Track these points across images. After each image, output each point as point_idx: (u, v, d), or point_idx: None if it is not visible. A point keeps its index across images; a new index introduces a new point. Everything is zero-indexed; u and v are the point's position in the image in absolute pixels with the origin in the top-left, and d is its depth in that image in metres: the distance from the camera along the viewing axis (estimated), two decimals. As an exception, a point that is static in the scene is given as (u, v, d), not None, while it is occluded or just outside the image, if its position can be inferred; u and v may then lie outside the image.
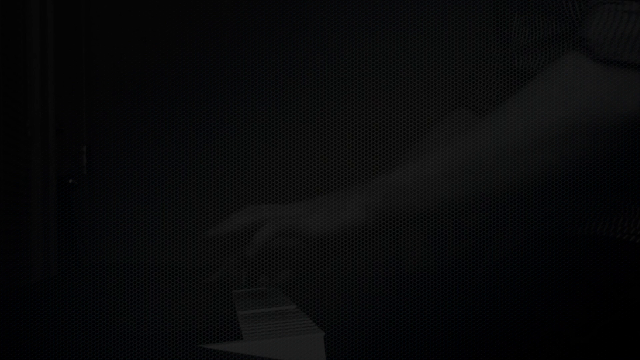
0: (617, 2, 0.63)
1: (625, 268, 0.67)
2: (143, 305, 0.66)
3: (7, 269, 1.04)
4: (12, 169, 1.08)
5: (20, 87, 1.14)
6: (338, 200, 0.72)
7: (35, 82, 1.19)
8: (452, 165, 0.67)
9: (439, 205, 0.69)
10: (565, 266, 0.69)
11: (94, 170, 1.69)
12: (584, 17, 0.66)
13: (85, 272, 1.07)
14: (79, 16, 1.68)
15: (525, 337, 0.62)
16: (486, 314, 0.67)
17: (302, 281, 0.75)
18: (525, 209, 0.79)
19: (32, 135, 1.18)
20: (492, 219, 0.87)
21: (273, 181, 1.69)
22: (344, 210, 0.71)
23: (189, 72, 1.74)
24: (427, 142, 0.95)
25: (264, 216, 0.74)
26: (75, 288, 0.82)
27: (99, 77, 1.72)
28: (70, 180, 1.30)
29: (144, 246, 1.65)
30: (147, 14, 1.74)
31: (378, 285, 1.57)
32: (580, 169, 0.65)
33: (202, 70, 1.74)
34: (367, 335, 0.79)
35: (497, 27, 0.91)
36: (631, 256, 0.68)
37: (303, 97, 1.74)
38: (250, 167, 1.71)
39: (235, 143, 1.72)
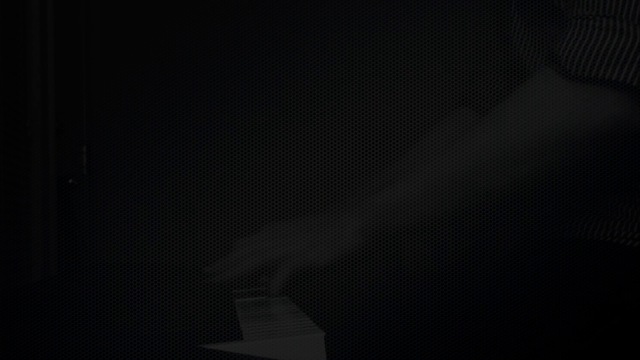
0: (589, 17, 0.63)
1: (623, 272, 0.67)
2: (143, 305, 0.66)
3: (7, 269, 1.04)
4: (12, 169, 1.08)
5: (20, 87, 1.14)
6: (334, 228, 0.73)
7: (35, 82, 1.19)
8: (435, 182, 0.69)
9: (429, 219, 0.71)
10: (563, 270, 0.69)
11: (94, 170, 1.69)
12: (559, 32, 0.67)
13: (85, 272, 1.07)
14: (79, 16, 1.68)
15: (524, 342, 0.62)
16: (485, 319, 0.67)
17: (302, 281, 0.76)
18: (522, 214, 0.79)
19: (32, 135, 1.18)
20: (490, 224, 0.87)
21: (273, 181, 1.69)
22: (342, 238, 0.72)
23: (189, 72, 1.73)
24: (429, 142, 0.96)
25: (271, 257, 0.74)
26: (75, 288, 0.82)
27: (99, 77, 1.72)
28: (70, 180, 1.30)
29: (144, 246, 1.65)
30: (148, 13, 1.74)
31: (378, 286, 1.57)
32: (553, 181, 0.67)
33: (202, 70, 1.73)
34: (367, 335, 0.79)
35: (498, 26, 0.91)
36: (629, 260, 0.68)
37: (304, 97, 1.74)
38: (250, 167, 1.71)
39: (235, 143, 1.72)
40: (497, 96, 0.93)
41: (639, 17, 0.61)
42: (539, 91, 0.65)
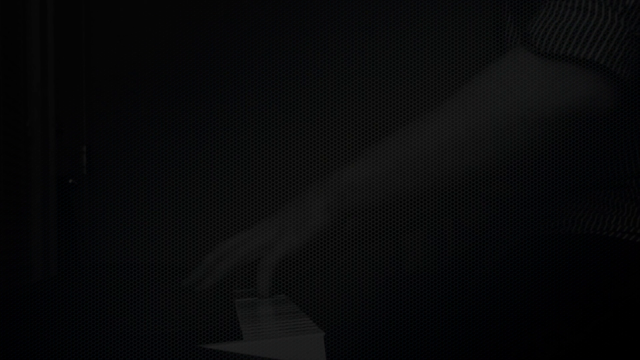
0: None
1: (618, 265, 0.67)
2: (143, 305, 0.66)
3: (7, 269, 1.04)
4: (12, 169, 1.08)
5: (20, 87, 1.14)
6: (301, 209, 0.72)
7: (35, 82, 1.19)
8: (399, 159, 0.69)
9: (396, 197, 0.70)
10: (559, 265, 0.69)
11: (94, 170, 1.69)
12: (534, 12, 0.67)
13: (85, 272, 1.07)
14: (79, 16, 1.68)
15: (521, 335, 0.62)
16: (482, 314, 0.67)
17: (303, 281, 0.76)
18: (519, 210, 0.79)
19: (32, 135, 1.18)
20: (487, 221, 0.87)
21: (273, 181, 1.69)
22: (309, 218, 0.71)
23: (189, 71, 1.74)
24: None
25: (243, 254, 0.74)
26: (75, 288, 0.82)
27: (99, 77, 1.72)
28: (70, 180, 1.30)
29: (144, 246, 1.65)
30: (147, 13, 1.74)
31: (378, 286, 1.57)
32: (521, 161, 0.67)
33: (202, 70, 1.73)
34: (367, 335, 0.79)
35: (494, 28, 0.92)
36: (624, 254, 0.68)
37: (303, 98, 1.74)
38: (250, 167, 1.71)
39: (235, 143, 1.72)
40: None
41: None
42: (510, 68, 0.65)
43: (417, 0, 1.72)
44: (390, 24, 1.74)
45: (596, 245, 0.70)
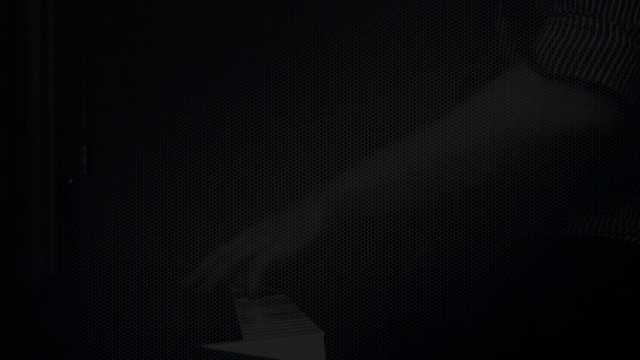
0: (568, 15, 0.63)
1: (620, 268, 0.67)
2: (143, 305, 0.66)
3: (7, 269, 1.04)
4: (12, 169, 1.08)
5: (20, 87, 1.14)
6: (299, 217, 0.72)
7: (35, 82, 1.19)
8: (397, 171, 0.68)
9: (396, 207, 0.69)
10: (560, 267, 0.69)
11: (94, 170, 1.69)
12: (538, 28, 0.66)
13: (85, 272, 1.07)
14: (79, 16, 1.68)
15: (522, 337, 0.62)
16: (483, 315, 0.67)
17: (303, 281, 0.75)
18: (521, 211, 0.79)
19: (32, 135, 1.18)
20: (488, 222, 0.87)
21: (273, 181, 1.69)
22: (307, 226, 0.71)
23: (189, 72, 1.74)
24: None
25: (240, 257, 0.73)
26: (75, 288, 0.82)
27: (99, 77, 1.72)
28: (70, 180, 1.30)
29: (144, 246, 1.65)
30: (148, 13, 1.74)
31: (378, 286, 1.57)
32: (521, 179, 0.66)
33: (203, 70, 1.73)
34: (367, 335, 0.80)
35: (486, 33, 0.92)
36: (626, 256, 0.68)
37: (303, 98, 1.74)
38: (250, 167, 1.71)
39: (236, 143, 1.72)
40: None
41: (618, 17, 0.61)
42: (512, 86, 0.64)
43: (416, 1, 1.72)
44: (390, 24, 1.74)
45: (598, 247, 0.70)
